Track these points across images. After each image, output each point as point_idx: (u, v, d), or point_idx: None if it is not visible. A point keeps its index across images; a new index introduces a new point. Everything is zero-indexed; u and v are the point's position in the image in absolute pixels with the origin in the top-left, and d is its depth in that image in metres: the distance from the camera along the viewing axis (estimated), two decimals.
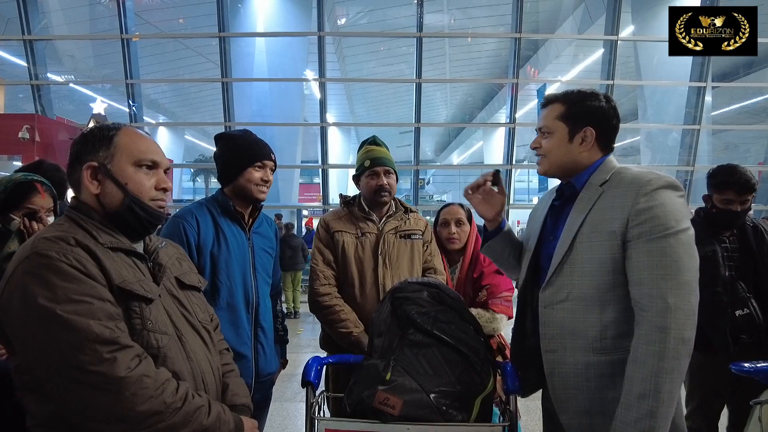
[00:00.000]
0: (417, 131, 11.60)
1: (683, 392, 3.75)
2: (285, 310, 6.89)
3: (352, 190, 2.18)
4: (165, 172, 1.17)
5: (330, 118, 22.20)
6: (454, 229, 2.20)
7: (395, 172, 2.06)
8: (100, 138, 1.09)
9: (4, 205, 1.61)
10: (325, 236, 2.03)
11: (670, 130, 12.56)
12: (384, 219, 2.05)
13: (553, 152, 1.40)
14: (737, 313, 2.08)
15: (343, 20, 17.83)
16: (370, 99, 22.95)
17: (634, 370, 1.16)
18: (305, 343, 6.19)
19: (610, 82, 11.00)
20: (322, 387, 1.63)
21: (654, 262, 1.17)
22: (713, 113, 14.35)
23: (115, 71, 11.69)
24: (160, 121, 21.50)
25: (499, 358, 1.93)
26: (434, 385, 1.32)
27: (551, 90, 17.54)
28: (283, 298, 7.73)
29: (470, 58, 19.30)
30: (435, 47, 16.91)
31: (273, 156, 1.80)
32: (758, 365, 1.67)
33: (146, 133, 1.18)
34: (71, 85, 15.59)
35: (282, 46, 13.38)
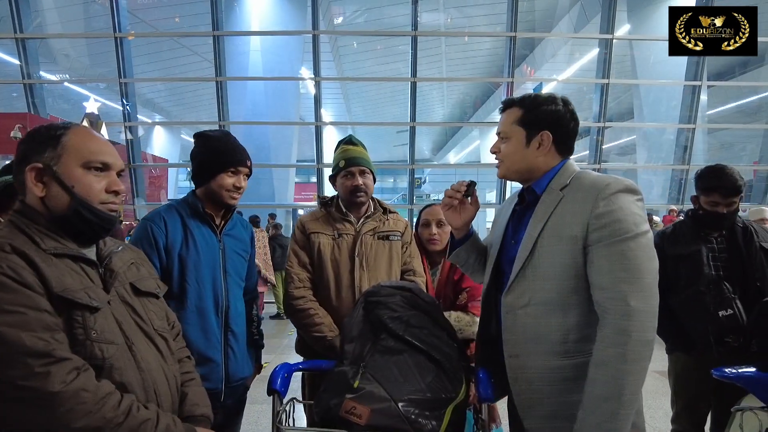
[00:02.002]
0: (412, 130, 11.57)
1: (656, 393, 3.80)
2: (262, 316, 6.86)
3: None
4: (119, 174, 1.12)
5: (327, 117, 22.20)
6: (435, 230, 2.16)
7: (372, 172, 2.01)
8: (47, 138, 1.04)
9: None
10: (301, 238, 1.99)
11: (665, 129, 12.54)
12: (362, 220, 2.01)
13: (510, 156, 1.39)
14: (720, 313, 2.05)
15: (340, 19, 17.79)
16: (366, 98, 22.91)
17: (596, 372, 1.16)
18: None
19: (606, 81, 10.98)
20: (296, 393, 1.59)
21: (615, 265, 1.18)
22: (709, 112, 14.35)
23: (109, 70, 11.63)
24: (156, 120, 21.43)
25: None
26: (403, 393, 1.28)
27: (547, 89, 17.56)
28: (272, 299, 7.68)
29: (467, 57, 19.28)
30: (432, 46, 16.88)
31: (248, 162, 1.75)
32: (740, 371, 1.64)
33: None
34: (66, 84, 15.52)
35: (277, 44, 13.32)
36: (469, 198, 1.49)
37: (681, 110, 11.70)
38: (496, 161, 1.43)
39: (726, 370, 1.66)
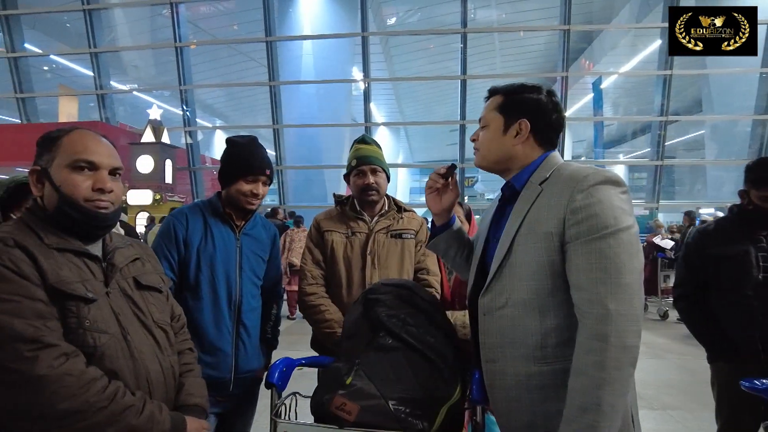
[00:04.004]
0: (462, 128, 11.43)
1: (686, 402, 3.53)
2: (295, 317, 6.71)
3: (401, 191, 2.15)
4: (116, 174, 1.17)
5: (379, 117, 22.37)
6: (458, 222, 2.11)
7: (385, 170, 2.01)
8: (48, 141, 1.12)
9: (5, 204, 1.70)
10: (316, 235, 2.02)
11: (738, 122, 11.65)
12: (376, 218, 2.00)
13: (486, 144, 1.32)
14: None
15: (393, 19, 17.89)
16: (418, 97, 22.87)
17: (574, 381, 1.08)
18: None
19: (668, 72, 10.35)
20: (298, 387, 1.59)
21: (592, 264, 1.08)
22: None
23: (172, 78, 12.34)
24: (217, 124, 22.43)
25: None
26: (395, 391, 1.26)
27: (607, 83, 16.81)
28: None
29: (522, 52, 18.81)
30: (484, 43, 16.60)
31: (268, 171, 1.81)
32: None
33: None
34: (134, 93, 16.58)
35: (329, 48, 13.60)
36: (449, 180, 1.44)
37: (756, 100, 10.84)
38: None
39: (756, 381, 1.51)
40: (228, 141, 1.86)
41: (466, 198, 13.14)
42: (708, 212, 11.03)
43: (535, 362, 1.17)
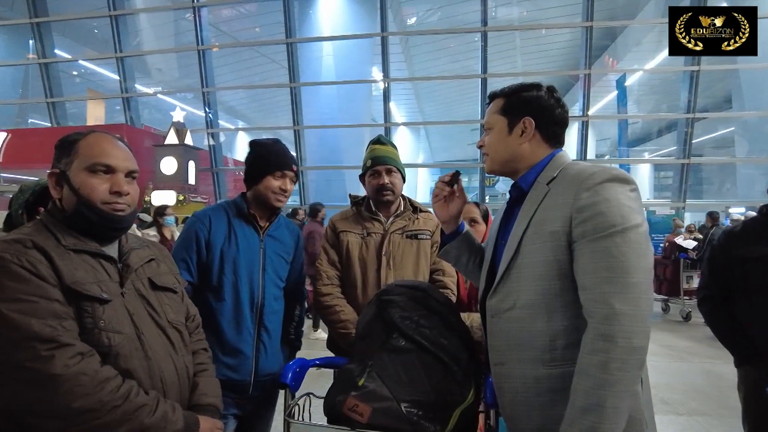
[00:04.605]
0: (482, 128, 11.33)
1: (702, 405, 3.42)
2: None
3: (421, 190, 2.15)
4: (132, 177, 1.20)
5: (400, 117, 22.35)
6: (467, 227, 2.10)
7: (401, 171, 2.00)
8: (65, 145, 1.15)
9: (30, 206, 1.75)
10: (332, 236, 2.03)
11: None
12: (391, 219, 2.00)
13: (493, 147, 1.31)
14: None
15: (413, 19, 17.85)
16: (438, 97, 22.76)
17: (578, 381, 1.06)
18: None
19: (696, 67, 10.08)
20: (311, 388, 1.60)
21: (598, 263, 1.06)
22: None
23: (195, 81, 12.55)
24: (239, 126, 22.71)
25: None
26: (407, 393, 1.26)
27: (631, 80, 16.45)
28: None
29: (543, 50, 18.54)
30: (505, 41, 16.43)
31: (294, 167, 1.84)
32: None
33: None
34: (159, 95, 16.91)
35: (349, 49, 13.65)
36: (455, 188, 1.44)
37: None
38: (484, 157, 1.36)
39: None
40: (252, 143, 1.88)
41: (486, 198, 13.02)
42: (738, 212, 10.71)
43: (544, 365, 1.16)
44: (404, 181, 2.03)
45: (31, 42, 13.11)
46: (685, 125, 10.59)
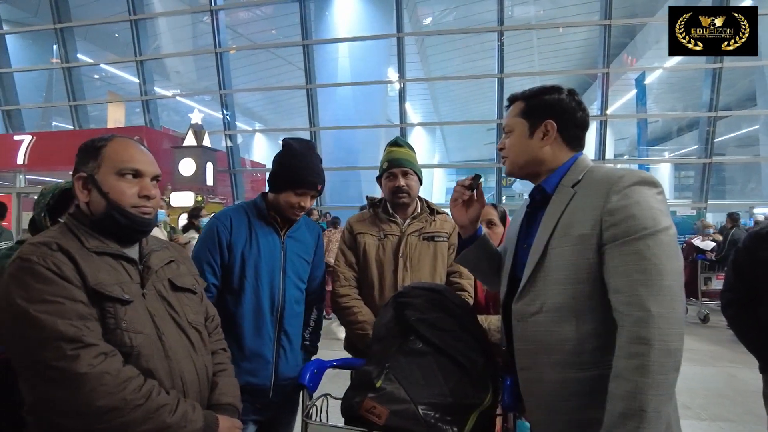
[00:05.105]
0: (498, 127, 11.26)
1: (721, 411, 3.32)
2: (330, 316, 6.29)
3: (437, 190, 2.15)
4: (156, 180, 1.22)
5: (415, 118, 22.32)
6: (485, 230, 2.08)
7: (417, 173, 2.00)
8: (92, 149, 1.18)
9: (52, 210, 1.79)
10: (349, 238, 2.03)
11: None
12: (408, 220, 2.00)
13: (513, 149, 1.31)
14: None
15: (429, 19, 17.82)
16: (454, 97, 22.68)
17: (615, 386, 1.04)
18: None
19: (719, 65, 9.87)
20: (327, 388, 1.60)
21: (631, 266, 1.05)
22: None
23: (213, 83, 12.71)
24: (256, 127, 22.93)
25: None
26: (424, 396, 1.26)
27: (651, 78, 16.18)
28: None
29: (560, 49, 18.36)
30: (522, 40, 16.30)
31: (319, 186, 1.78)
32: None
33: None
34: (177, 98, 17.15)
35: (364, 50, 13.69)
36: (474, 192, 1.42)
37: None
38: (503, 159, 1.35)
39: None
40: (285, 144, 1.81)
41: (503, 198, 12.93)
42: (763, 212, 10.47)
43: (572, 369, 1.15)
44: (421, 183, 2.02)
45: (54, 47, 13.39)
46: (707, 124, 10.39)
